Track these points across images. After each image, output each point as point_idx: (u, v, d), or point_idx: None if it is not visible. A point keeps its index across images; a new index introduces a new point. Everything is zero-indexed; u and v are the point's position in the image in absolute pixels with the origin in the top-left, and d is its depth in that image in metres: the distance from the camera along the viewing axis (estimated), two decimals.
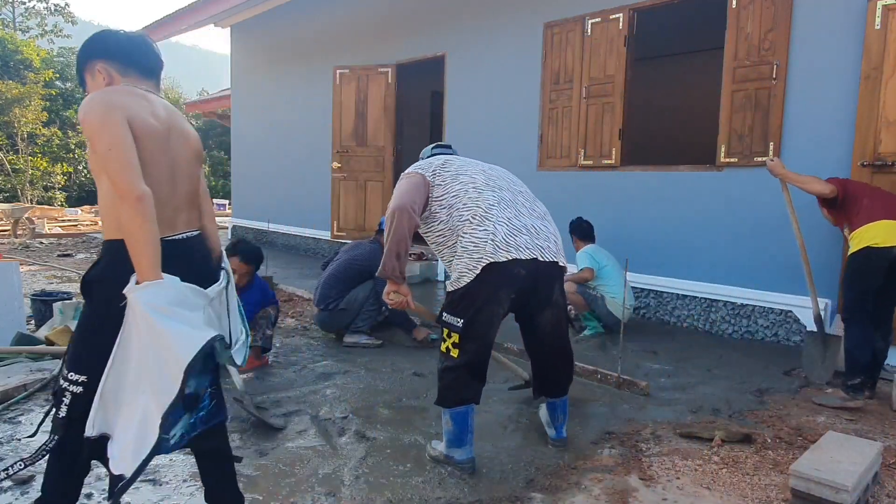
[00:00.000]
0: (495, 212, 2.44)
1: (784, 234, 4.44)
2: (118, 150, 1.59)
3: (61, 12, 31.85)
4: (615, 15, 5.28)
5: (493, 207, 2.44)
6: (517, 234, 2.42)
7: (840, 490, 2.11)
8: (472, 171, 2.58)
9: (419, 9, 7.24)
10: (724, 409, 3.23)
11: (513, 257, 2.38)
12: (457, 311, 2.44)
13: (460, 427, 2.47)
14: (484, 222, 2.41)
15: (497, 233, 2.39)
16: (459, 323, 2.42)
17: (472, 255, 2.40)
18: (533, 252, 2.43)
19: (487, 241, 2.38)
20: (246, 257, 3.75)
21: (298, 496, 2.29)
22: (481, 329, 2.44)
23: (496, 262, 2.37)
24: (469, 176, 2.55)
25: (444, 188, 2.53)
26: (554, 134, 5.81)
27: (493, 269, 2.37)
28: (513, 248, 2.39)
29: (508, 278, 2.41)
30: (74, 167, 20.58)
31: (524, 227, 2.46)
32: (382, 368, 3.91)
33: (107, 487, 2.30)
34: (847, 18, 4.11)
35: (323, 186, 8.35)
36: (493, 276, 2.38)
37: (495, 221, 2.41)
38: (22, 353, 3.79)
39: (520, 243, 2.41)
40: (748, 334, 4.65)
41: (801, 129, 4.35)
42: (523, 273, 2.42)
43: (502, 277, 2.40)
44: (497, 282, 2.40)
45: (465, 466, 2.48)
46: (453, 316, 2.44)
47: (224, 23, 10.47)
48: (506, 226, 2.41)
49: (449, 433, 2.50)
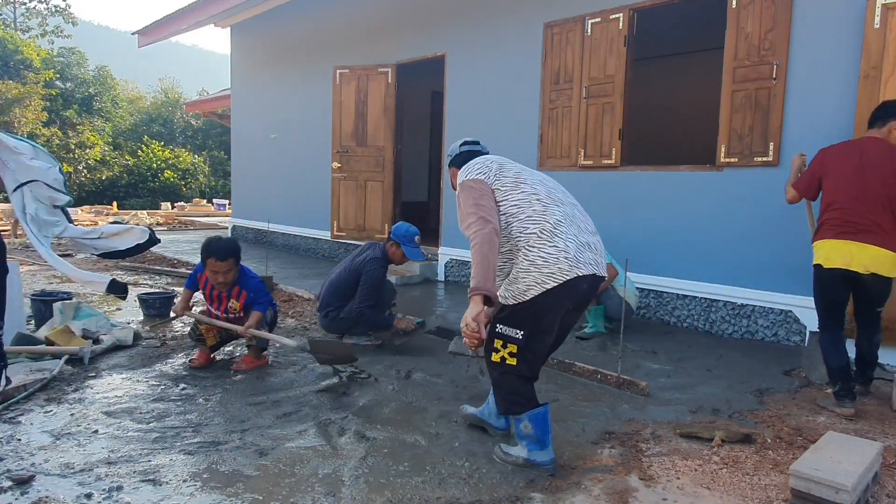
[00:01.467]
0: (563, 228, 2.46)
1: (784, 234, 4.45)
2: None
3: (62, 13, 31.86)
4: (615, 15, 5.28)
5: (561, 224, 2.46)
6: (583, 251, 2.46)
7: (840, 490, 2.11)
8: (531, 181, 2.56)
9: (419, 9, 7.24)
10: (724, 409, 3.23)
11: (582, 273, 2.42)
12: (518, 322, 2.44)
13: (542, 428, 2.48)
14: (554, 238, 2.42)
15: (569, 250, 2.41)
16: (519, 335, 2.43)
17: (542, 269, 2.39)
18: (593, 268, 2.47)
19: (560, 257, 2.39)
20: (219, 255, 3.72)
21: (298, 496, 2.29)
22: (544, 340, 2.48)
23: (568, 280, 2.39)
24: (530, 186, 2.53)
25: (503, 195, 2.50)
26: (554, 134, 5.81)
27: (564, 286, 2.40)
28: (582, 264, 2.42)
29: (575, 293, 2.45)
30: (74, 167, 20.57)
31: (586, 244, 2.50)
32: (382, 368, 3.91)
33: (107, 488, 2.31)
34: (846, 17, 4.11)
35: (323, 186, 8.35)
36: (562, 291, 2.40)
37: (565, 239, 2.43)
38: (22, 353, 3.79)
39: (586, 260, 2.45)
40: (748, 334, 4.65)
41: (801, 128, 4.35)
42: (585, 287, 2.47)
43: (570, 293, 2.43)
44: (565, 297, 2.43)
45: (550, 467, 2.48)
46: (512, 328, 2.44)
47: (224, 23, 10.48)
48: (574, 243, 2.45)
49: (529, 436, 2.49)
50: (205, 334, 3.93)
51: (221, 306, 3.90)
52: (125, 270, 7.82)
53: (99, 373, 3.71)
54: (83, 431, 2.85)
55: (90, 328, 4.28)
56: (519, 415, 2.50)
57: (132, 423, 2.95)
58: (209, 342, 3.94)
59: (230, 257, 3.74)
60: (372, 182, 7.79)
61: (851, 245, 3.13)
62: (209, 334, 3.94)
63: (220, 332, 3.97)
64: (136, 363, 3.93)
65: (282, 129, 9.65)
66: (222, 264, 3.71)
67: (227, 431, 2.87)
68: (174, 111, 27.79)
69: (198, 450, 2.67)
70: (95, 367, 3.80)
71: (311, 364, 3.98)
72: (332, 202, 8.08)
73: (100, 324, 4.38)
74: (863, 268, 3.11)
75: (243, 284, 3.87)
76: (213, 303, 3.93)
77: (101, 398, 3.29)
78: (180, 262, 8.07)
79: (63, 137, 20.44)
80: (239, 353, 4.18)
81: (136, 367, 3.85)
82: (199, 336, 3.93)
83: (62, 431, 2.84)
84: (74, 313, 4.37)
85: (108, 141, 23.06)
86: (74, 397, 3.29)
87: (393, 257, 4.44)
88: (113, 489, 2.31)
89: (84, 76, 24.24)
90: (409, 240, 4.35)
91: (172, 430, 2.87)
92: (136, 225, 3.95)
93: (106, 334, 4.28)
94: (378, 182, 7.76)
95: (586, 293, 2.50)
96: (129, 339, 4.30)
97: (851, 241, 3.13)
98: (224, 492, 2.31)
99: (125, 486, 2.34)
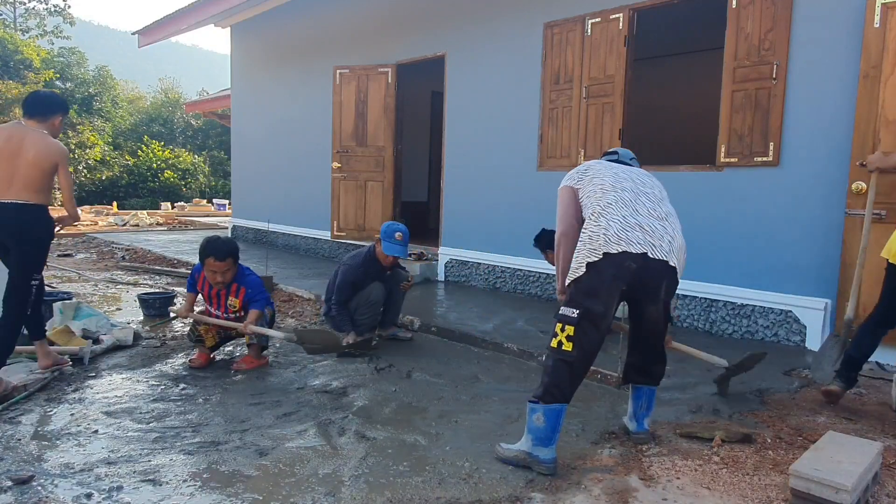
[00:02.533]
0: (612, 210, 2.57)
1: (784, 234, 4.45)
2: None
3: (61, 13, 31.86)
4: (615, 15, 5.28)
5: (611, 206, 2.58)
6: (630, 230, 2.52)
7: (840, 490, 2.11)
8: (604, 174, 2.71)
9: (419, 9, 7.24)
10: (724, 409, 3.23)
11: (623, 250, 2.47)
12: (573, 302, 2.51)
13: (553, 425, 2.49)
14: (599, 219, 2.55)
15: (610, 227, 2.51)
16: (575, 314, 2.48)
17: (586, 245, 2.53)
18: (644, 248, 2.51)
19: (600, 234, 2.51)
20: (218, 254, 3.73)
21: (298, 496, 2.29)
22: (597, 323, 2.50)
23: (608, 253, 2.48)
24: (601, 178, 2.69)
25: (583, 192, 2.70)
26: (554, 134, 5.81)
27: (604, 260, 2.48)
28: (623, 241, 2.49)
29: (619, 270, 2.49)
30: (74, 167, 20.56)
31: (638, 224, 2.55)
32: (382, 368, 3.91)
33: (107, 488, 2.31)
34: (846, 17, 4.11)
35: (323, 186, 8.35)
36: (605, 266, 2.48)
37: (609, 218, 2.54)
38: (22, 353, 3.79)
39: (631, 238, 2.50)
40: (748, 334, 4.65)
41: (801, 128, 4.35)
42: (634, 267, 2.50)
43: (613, 268, 2.49)
44: (609, 272, 2.49)
45: (550, 466, 2.48)
46: (569, 307, 2.51)
47: (224, 23, 10.47)
48: (619, 222, 2.53)
49: (538, 430, 2.49)
50: (203, 335, 3.93)
51: (221, 307, 3.91)
52: (125, 270, 7.82)
53: (99, 373, 3.71)
54: (83, 431, 2.85)
55: (90, 328, 4.29)
56: (539, 404, 2.49)
57: (132, 423, 2.95)
58: (208, 343, 3.95)
59: (228, 257, 3.74)
60: (372, 182, 7.79)
61: None
62: (208, 335, 3.94)
63: (218, 333, 3.97)
64: (136, 363, 3.93)
65: (282, 129, 9.65)
66: (221, 264, 3.72)
67: (227, 431, 2.87)
68: (174, 111, 27.79)
69: (198, 450, 2.67)
70: (95, 367, 3.80)
71: (312, 364, 3.98)
72: (332, 202, 8.08)
73: (100, 324, 4.38)
74: None
75: (241, 281, 3.87)
76: (213, 303, 3.93)
77: (101, 398, 3.29)
78: (180, 262, 8.06)
79: (63, 137, 20.41)
80: (239, 353, 4.19)
81: (136, 367, 3.85)
82: (198, 337, 3.93)
83: (62, 431, 2.84)
84: (74, 313, 4.37)
85: (108, 141, 23.06)
86: (74, 397, 3.29)
87: (380, 256, 4.40)
88: (113, 489, 2.31)
89: (84, 76, 24.23)
90: (387, 236, 4.30)
91: (172, 430, 2.88)
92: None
93: (106, 334, 4.28)
94: (378, 182, 7.75)
95: (637, 273, 2.51)
96: (129, 339, 4.30)
97: None
98: (224, 492, 2.31)
99: (125, 486, 2.34)
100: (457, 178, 6.81)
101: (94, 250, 9.67)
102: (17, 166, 3.32)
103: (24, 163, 3.33)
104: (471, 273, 6.67)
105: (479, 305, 5.58)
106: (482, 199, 6.53)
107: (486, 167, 6.48)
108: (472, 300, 5.83)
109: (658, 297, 2.64)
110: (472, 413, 3.18)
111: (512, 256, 6.22)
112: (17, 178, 3.32)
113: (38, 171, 3.36)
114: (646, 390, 2.82)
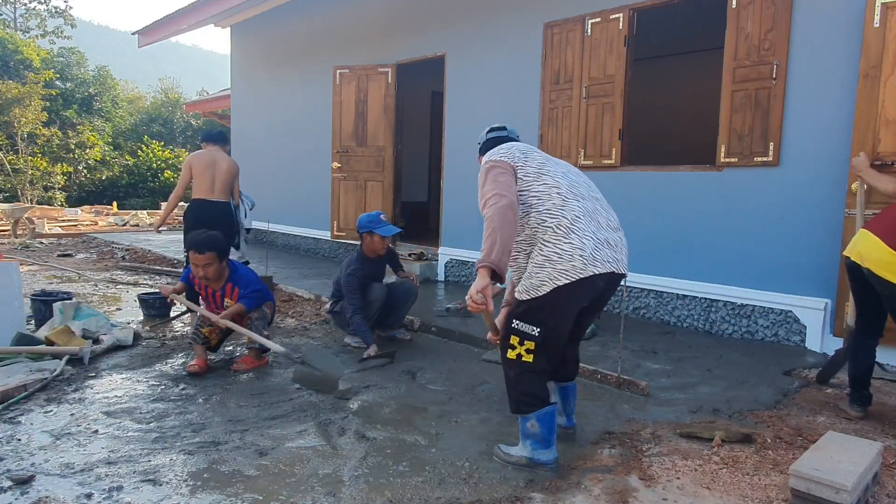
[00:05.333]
0: (581, 224, 2.41)
1: (784, 234, 4.45)
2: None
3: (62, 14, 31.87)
4: (615, 15, 5.28)
5: (580, 220, 2.41)
6: (601, 249, 2.41)
7: (840, 490, 2.11)
8: (554, 173, 2.51)
9: (419, 9, 7.24)
10: (724, 409, 3.23)
11: (598, 272, 2.38)
12: (534, 319, 2.42)
13: (548, 428, 2.48)
14: (570, 235, 2.38)
15: (585, 247, 2.37)
16: (536, 332, 2.41)
17: (556, 265, 2.37)
18: (612, 266, 2.44)
19: (575, 255, 2.36)
20: (199, 247, 3.72)
21: (298, 496, 2.29)
22: (560, 337, 2.48)
23: (582, 278, 2.36)
24: (552, 178, 2.49)
25: (526, 184, 2.46)
26: (554, 134, 5.81)
27: (577, 283, 2.37)
28: (598, 262, 2.38)
29: (590, 290, 2.43)
30: (74, 167, 20.58)
31: (606, 240, 2.44)
32: (382, 368, 3.90)
33: (107, 488, 2.31)
34: (846, 17, 4.11)
35: (323, 186, 8.35)
36: (577, 288, 2.38)
37: (581, 235, 2.39)
38: (22, 353, 3.79)
39: (603, 258, 2.40)
40: (748, 334, 4.65)
41: (801, 128, 4.35)
42: (602, 285, 2.46)
43: (585, 290, 2.41)
44: (580, 294, 2.42)
45: (553, 467, 2.48)
46: (529, 324, 2.42)
47: (224, 23, 10.47)
48: (592, 240, 2.40)
49: (535, 436, 2.49)
50: (209, 336, 3.91)
51: (214, 303, 3.89)
52: (125, 270, 7.82)
53: (99, 373, 3.71)
54: (83, 431, 2.85)
55: (90, 328, 4.28)
56: (527, 414, 2.49)
57: (132, 423, 2.95)
58: (212, 342, 3.94)
59: (209, 250, 3.72)
60: (372, 182, 7.79)
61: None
62: (213, 335, 3.93)
63: (221, 330, 3.95)
64: (136, 363, 3.93)
65: (282, 129, 9.65)
66: (201, 257, 3.71)
67: (227, 431, 2.87)
68: (174, 111, 27.78)
69: (198, 450, 2.67)
70: (95, 367, 3.80)
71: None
72: (332, 202, 8.08)
73: (100, 324, 4.38)
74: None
75: (235, 281, 3.86)
76: (210, 304, 3.93)
77: (101, 398, 3.29)
78: (180, 262, 8.06)
79: (63, 137, 20.42)
80: (239, 353, 4.19)
81: (136, 367, 3.85)
82: (204, 338, 3.89)
83: (62, 431, 2.84)
84: (74, 313, 4.37)
85: (108, 141, 23.06)
86: (74, 397, 3.29)
87: (368, 249, 4.40)
88: (113, 489, 2.31)
89: (84, 76, 24.23)
90: (374, 223, 4.34)
91: (172, 430, 2.88)
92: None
93: (106, 334, 4.28)
94: (378, 182, 7.75)
95: (603, 291, 2.51)
96: (129, 339, 4.30)
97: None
98: (224, 492, 2.31)
99: (125, 486, 2.34)
100: (457, 178, 6.81)
101: (94, 250, 9.67)
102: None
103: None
104: (471, 273, 6.67)
105: None
106: None
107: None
108: None
109: (604, 304, 2.66)
110: (472, 413, 3.18)
111: None
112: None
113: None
114: (570, 386, 2.84)
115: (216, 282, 3.86)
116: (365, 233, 4.36)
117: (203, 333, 3.88)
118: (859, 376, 3.16)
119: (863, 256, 2.95)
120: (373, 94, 7.64)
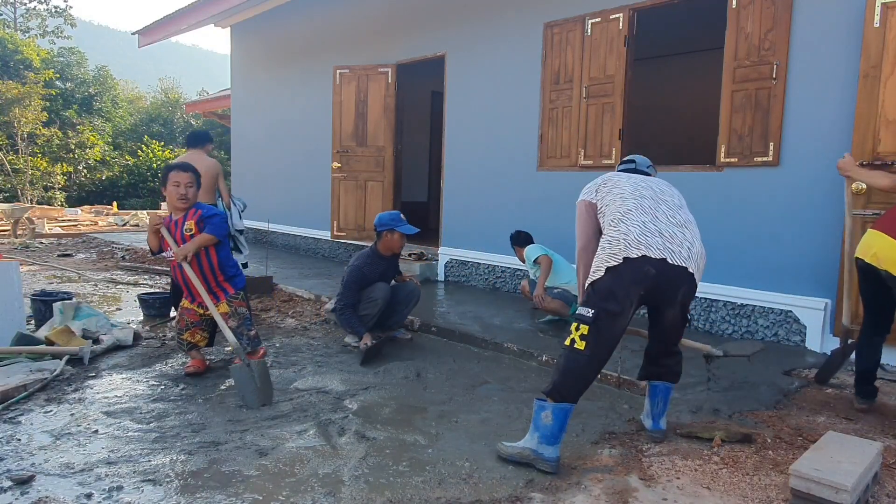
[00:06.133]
0: (632, 216, 2.62)
1: (784, 234, 4.45)
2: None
3: (62, 14, 31.88)
4: (615, 15, 5.28)
5: (630, 212, 2.63)
6: (650, 236, 2.57)
7: (840, 490, 2.11)
8: (623, 184, 2.77)
9: (419, 9, 7.24)
10: (724, 409, 3.23)
11: (642, 254, 2.52)
12: (589, 302, 2.56)
13: (560, 424, 2.51)
14: (619, 224, 2.61)
15: (630, 233, 2.56)
16: (590, 314, 2.51)
17: (606, 250, 2.59)
18: (663, 253, 2.54)
19: (620, 239, 2.56)
20: (181, 166, 3.81)
21: (298, 496, 2.29)
22: (612, 325, 2.52)
23: (628, 258, 2.52)
24: (620, 188, 2.75)
25: (603, 202, 2.76)
26: (554, 134, 5.81)
27: (624, 264, 2.52)
28: (643, 246, 2.53)
29: (638, 275, 2.53)
30: (74, 167, 20.58)
31: (658, 230, 2.60)
32: (382, 369, 3.90)
33: (107, 488, 2.31)
34: (846, 17, 4.11)
35: (323, 186, 8.35)
36: (624, 270, 2.52)
37: (629, 224, 2.59)
38: (22, 353, 3.79)
39: (651, 243, 2.55)
40: (748, 334, 4.65)
41: (801, 128, 4.35)
42: (653, 272, 2.54)
43: (632, 272, 2.52)
44: (627, 276, 2.52)
45: (553, 465, 2.49)
46: (585, 307, 2.55)
47: (224, 23, 10.47)
48: (639, 228, 2.58)
49: (545, 428, 2.50)
50: (191, 339, 3.81)
51: (178, 233, 3.76)
52: (125, 270, 7.82)
53: (99, 373, 3.71)
54: (83, 431, 2.85)
55: (90, 328, 4.28)
56: (549, 403, 2.51)
57: (132, 423, 2.95)
58: (200, 343, 3.85)
59: (190, 171, 3.79)
60: (372, 182, 7.79)
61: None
62: (196, 336, 3.83)
63: (204, 329, 3.85)
64: (136, 363, 3.93)
65: (282, 129, 9.65)
66: (185, 175, 3.74)
67: (227, 431, 2.87)
68: (174, 111, 27.78)
69: (198, 450, 2.67)
70: (95, 367, 3.80)
71: (311, 364, 3.98)
72: (332, 202, 8.08)
73: (100, 324, 4.38)
74: None
75: (198, 206, 3.82)
76: (174, 232, 3.79)
77: (101, 398, 3.29)
78: None
79: (63, 137, 20.43)
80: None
81: (136, 367, 3.85)
82: (189, 344, 3.81)
83: (62, 431, 2.84)
84: (74, 313, 4.37)
85: (108, 141, 23.06)
86: (74, 397, 3.29)
87: (385, 247, 4.41)
88: (113, 489, 2.31)
89: (84, 76, 24.24)
90: (395, 221, 4.39)
91: (172, 430, 2.88)
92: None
93: (106, 334, 4.28)
94: (378, 182, 7.75)
95: (655, 279, 2.54)
96: (129, 339, 4.30)
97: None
98: (224, 492, 2.31)
99: (125, 486, 2.34)
100: (457, 178, 6.81)
101: (94, 250, 9.67)
102: None
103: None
104: (471, 273, 6.68)
105: (480, 305, 5.58)
106: (482, 199, 6.54)
107: (486, 167, 6.48)
108: (472, 300, 5.83)
109: (675, 302, 2.69)
110: (472, 413, 3.18)
111: (512, 256, 6.21)
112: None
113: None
114: (661, 388, 2.86)
115: (184, 210, 3.78)
116: (385, 230, 4.37)
117: (185, 340, 3.80)
118: (866, 371, 3.19)
119: (879, 258, 2.95)
120: (373, 94, 7.64)
